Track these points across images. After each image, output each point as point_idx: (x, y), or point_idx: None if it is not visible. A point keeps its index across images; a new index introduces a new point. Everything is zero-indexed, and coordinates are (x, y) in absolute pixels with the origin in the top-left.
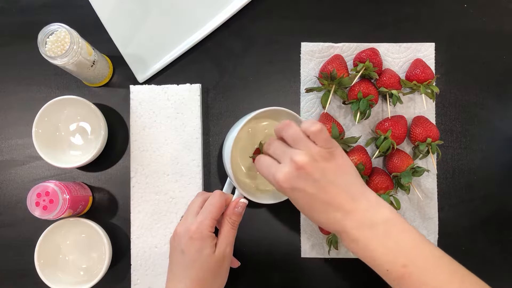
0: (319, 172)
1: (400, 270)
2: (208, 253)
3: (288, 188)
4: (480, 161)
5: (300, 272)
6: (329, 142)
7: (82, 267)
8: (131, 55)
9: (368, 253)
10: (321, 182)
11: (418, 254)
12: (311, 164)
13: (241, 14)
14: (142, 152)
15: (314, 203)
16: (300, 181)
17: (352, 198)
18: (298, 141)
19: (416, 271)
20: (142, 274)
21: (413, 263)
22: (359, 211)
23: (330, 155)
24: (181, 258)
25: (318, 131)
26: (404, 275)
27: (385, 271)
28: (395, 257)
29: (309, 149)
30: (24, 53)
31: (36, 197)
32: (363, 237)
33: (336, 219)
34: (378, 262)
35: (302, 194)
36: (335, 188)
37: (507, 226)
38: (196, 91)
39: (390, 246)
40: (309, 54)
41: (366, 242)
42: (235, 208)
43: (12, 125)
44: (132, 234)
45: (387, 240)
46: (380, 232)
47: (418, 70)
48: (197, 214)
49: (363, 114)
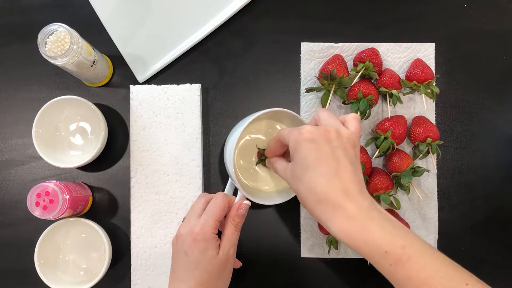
0: (341, 145)
1: (399, 252)
2: (212, 255)
3: (308, 138)
4: (480, 161)
5: (300, 272)
6: (358, 134)
7: (82, 267)
8: (131, 55)
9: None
10: (339, 151)
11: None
12: (338, 135)
13: (241, 14)
14: (142, 152)
15: (322, 162)
16: (323, 138)
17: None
18: (331, 120)
19: (415, 253)
20: (142, 274)
21: (411, 244)
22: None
23: (354, 144)
24: (185, 259)
25: (355, 118)
26: (402, 258)
27: (383, 254)
28: (394, 238)
29: (340, 127)
30: (24, 53)
31: (36, 197)
32: (360, 217)
33: (336, 189)
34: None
35: (317, 149)
36: (347, 163)
37: (507, 226)
38: (196, 91)
39: (389, 228)
40: (309, 54)
41: (364, 221)
42: (238, 210)
43: (12, 125)
44: (132, 234)
45: (385, 222)
46: (377, 216)
47: (418, 70)
48: (200, 215)
49: (363, 114)
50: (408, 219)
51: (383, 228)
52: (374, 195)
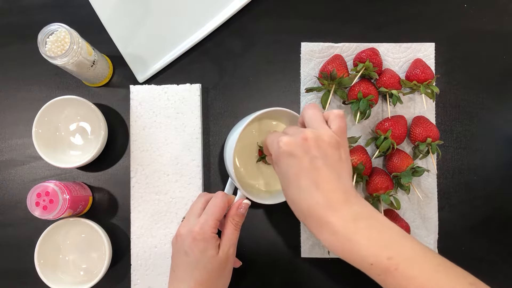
0: (321, 153)
1: (385, 263)
2: (211, 254)
3: (285, 151)
4: (480, 161)
5: (300, 272)
6: (342, 132)
7: (82, 267)
8: (131, 55)
9: (349, 246)
10: (319, 161)
11: (404, 246)
12: (316, 142)
13: (241, 14)
14: (142, 152)
15: (302, 177)
16: (300, 150)
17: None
18: (313, 121)
19: (403, 263)
20: (142, 274)
21: (399, 254)
22: (343, 203)
23: (337, 145)
24: (185, 259)
25: (339, 115)
26: (390, 268)
27: (369, 266)
28: (380, 249)
29: (321, 130)
30: (24, 53)
31: (36, 197)
32: (344, 229)
33: (318, 204)
34: (360, 256)
35: (295, 163)
36: (330, 173)
37: (507, 226)
38: (196, 91)
39: (374, 238)
40: (309, 54)
41: (348, 235)
42: (238, 209)
43: (12, 125)
44: (132, 234)
45: (371, 232)
46: (363, 225)
47: (418, 70)
48: (200, 215)
49: (363, 114)
50: (408, 219)
51: (368, 240)
52: (374, 195)
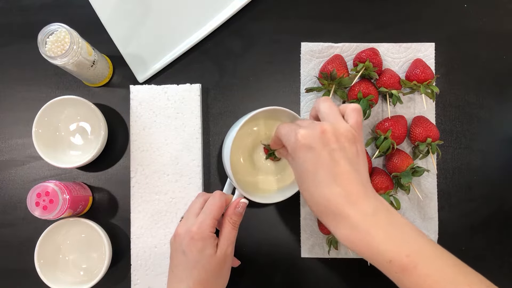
0: (339, 146)
1: (404, 261)
2: (210, 253)
3: (304, 144)
4: (480, 161)
5: (300, 272)
6: (359, 126)
7: (82, 267)
8: (131, 55)
9: (368, 241)
10: (337, 154)
11: (422, 244)
12: (336, 134)
13: (241, 14)
14: (142, 152)
15: (320, 169)
16: (320, 142)
17: (361, 183)
18: (330, 114)
19: (421, 261)
20: (142, 274)
21: (417, 253)
22: (362, 197)
23: (354, 140)
24: (183, 259)
25: (357, 109)
26: (408, 266)
27: (387, 262)
28: (399, 245)
29: (338, 123)
30: (24, 53)
31: (36, 197)
32: (364, 223)
33: (337, 196)
34: (379, 251)
35: (314, 156)
36: (348, 166)
37: (507, 226)
38: (196, 91)
39: (394, 234)
40: (309, 54)
41: (367, 229)
42: (236, 208)
43: (12, 125)
44: (132, 234)
45: (390, 227)
46: (383, 219)
47: (418, 70)
48: (198, 214)
49: (363, 114)
50: (408, 219)
51: (388, 235)
52: None
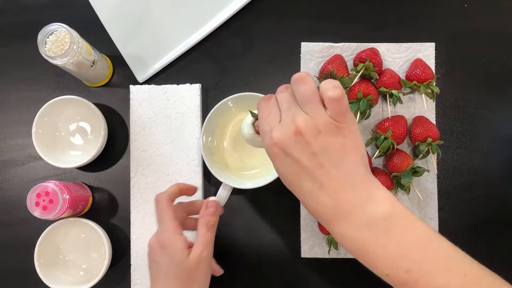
0: (319, 146)
1: (402, 276)
2: (179, 258)
3: (280, 151)
4: (480, 161)
5: (300, 272)
6: (342, 116)
7: (82, 267)
8: (131, 55)
9: (364, 254)
10: (319, 157)
11: (426, 257)
12: (312, 134)
13: (241, 13)
14: (142, 152)
15: (303, 177)
16: (296, 148)
17: (350, 187)
18: (307, 102)
19: (424, 276)
20: (142, 274)
21: (419, 267)
22: (355, 204)
23: (338, 130)
24: (157, 269)
25: (336, 99)
26: (409, 282)
27: (385, 276)
28: (397, 262)
29: (315, 115)
30: (24, 53)
31: (36, 197)
32: (358, 236)
33: (326, 205)
34: (376, 266)
35: (293, 163)
36: (333, 169)
37: (507, 226)
38: (196, 91)
39: (391, 249)
40: (309, 54)
41: (362, 243)
42: (207, 209)
43: (12, 125)
44: (132, 234)
45: (388, 241)
46: (380, 232)
47: (418, 70)
48: None
49: (363, 114)
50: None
51: (385, 249)
52: None
